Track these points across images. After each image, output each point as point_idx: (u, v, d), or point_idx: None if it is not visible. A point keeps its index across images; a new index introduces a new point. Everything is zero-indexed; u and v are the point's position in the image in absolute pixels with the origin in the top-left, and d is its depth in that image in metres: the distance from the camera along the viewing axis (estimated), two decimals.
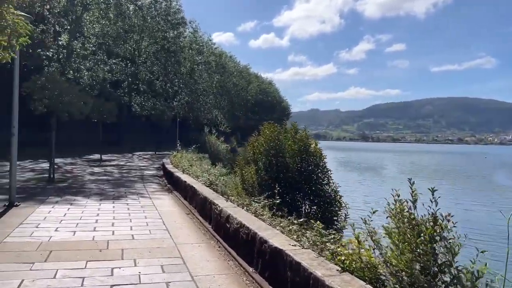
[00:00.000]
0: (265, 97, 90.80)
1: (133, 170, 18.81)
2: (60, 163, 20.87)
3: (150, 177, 16.30)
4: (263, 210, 7.07)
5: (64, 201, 9.87)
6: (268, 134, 9.09)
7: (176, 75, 41.38)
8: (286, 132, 9.18)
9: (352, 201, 18.00)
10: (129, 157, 28.34)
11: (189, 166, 13.89)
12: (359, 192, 29.70)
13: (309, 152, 9.00)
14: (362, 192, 29.62)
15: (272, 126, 9.31)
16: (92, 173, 17.05)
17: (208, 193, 8.54)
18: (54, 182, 13.43)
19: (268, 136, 9.08)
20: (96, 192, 11.54)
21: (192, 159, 15.82)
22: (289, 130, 9.24)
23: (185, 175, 12.23)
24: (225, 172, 11.53)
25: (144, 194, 11.67)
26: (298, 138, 9.02)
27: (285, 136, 9.17)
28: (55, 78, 14.43)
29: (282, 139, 9.07)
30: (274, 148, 8.91)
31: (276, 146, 8.94)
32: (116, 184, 13.71)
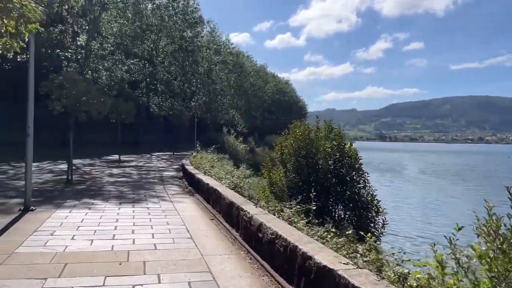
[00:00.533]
0: (281, 97, 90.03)
1: (152, 171, 18.35)
2: (79, 164, 20.57)
3: (170, 179, 15.79)
4: (296, 217, 6.44)
5: (82, 205, 9.38)
6: (298, 133, 8.42)
7: (193, 75, 41.01)
8: (318, 131, 8.49)
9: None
10: (148, 158, 27.99)
11: (210, 167, 13.32)
12: (382, 194, 28.74)
13: (343, 153, 8.30)
14: (386, 194, 28.67)
15: (304, 124, 8.63)
16: (111, 174, 16.64)
17: (234, 197, 7.92)
18: (72, 184, 13.01)
19: (298, 136, 8.41)
20: (115, 195, 11.04)
21: (213, 160, 15.25)
22: (322, 129, 8.55)
23: (207, 177, 11.65)
24: (249, 173, 10.87)
25: (164, 197, 11.12)
26: (332, 137, 8.32)
27: (317, 135, 8.48)
28: (73, 77, 14.03)
29: (314, 138, 8.38)
30: (304, 148, 8.24)
31: (307, 146, 8.26)
32: (135, 186, 13.22)
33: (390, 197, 27.10)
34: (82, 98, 13.98)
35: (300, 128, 8.64)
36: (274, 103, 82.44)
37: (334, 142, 8.35)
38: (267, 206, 7.03)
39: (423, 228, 18.26)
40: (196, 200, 10.89)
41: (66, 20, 27.74)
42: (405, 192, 31.79)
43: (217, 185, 9.73)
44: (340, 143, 8.40)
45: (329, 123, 8.66)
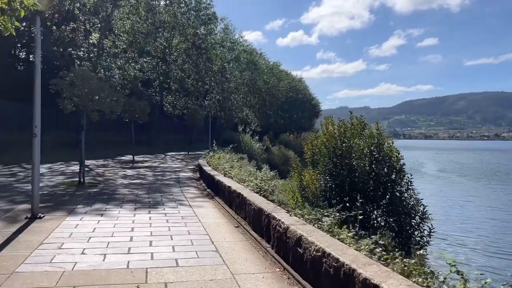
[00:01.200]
0: (295, 95, 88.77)
1: (167, 172, 17.60)
2: (92, 165, 19.95)
3: (187, 180, 15.01)
4: (337, 226, 5.58)
5: (94, 211, 8.61)
6: (332, 131, 7.52)
7: (207, 73, 40.28)
8: (352, 128, 7.58)
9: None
10: (162, 158, 27.32)
11: (230, 168, 12.48)
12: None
13: (382, 152, 7.37)
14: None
15: (341, 121, 7.72)
16: (125, 176, 15.93)
17: (263, 203, 7.06)
18: (85, 187, 12.31)
19: (332, 133, 7.52)
20: (130, 199, 10.27)
21: (232, 160, 14.42)
22: (355, 125, 7.63)
23: (228, 179, 10.82)
24: (273, 175, 9.99)
25: (182, 201, 10.31)
26: (369, 135, 7.40)
27: (352, 132, 7.57)
28: (85, 74, 13.34)
29: (350, 136, 7.47)
30: (340, 148, 7.35)
31: (342, 146, 7.36)
32: (151, 188, 12.45)
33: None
34: (94, 96, 13.28)
35: (333, 125, 7.73)
36: (288, 101, 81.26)
37: (372, 140, 7.42)
38: (302, 214, 6.16)
39: (464, 229, 17.27)
40: (216, 204, 10.06)
41: (78, 18, 27.20)
42: (439, 192, 30.64)
43: (241, 189, 8.89)
44: (379, 142, 7.47)
45: (361, 120, 7.74)
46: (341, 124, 7.61)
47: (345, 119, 7.88)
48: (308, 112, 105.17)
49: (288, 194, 8.29)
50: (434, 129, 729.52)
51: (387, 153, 7.41)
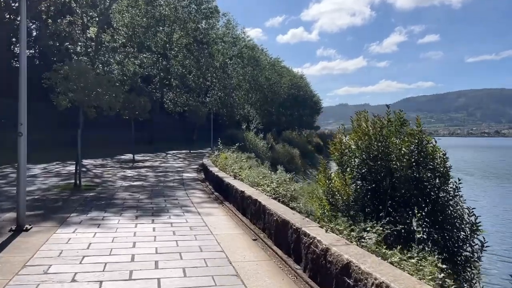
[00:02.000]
0: (296, 92, 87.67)
1: (170, 173, 16.54)
2: (89, 165, 18.89)
3: (191, 182, 13.95)
4: (381, 245, 4.56)
5: (90, 220, 7.55)
6: (365, 128, 6.45)
7: (208, 69, 39.12)
8: (389, 125, 6.51)
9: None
10: (163, 157, 26.25)
11: (239, 169, 11.43)
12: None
13: (424, 154, 6.31)
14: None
15: (376, 117, 6.64)
16: (125, 177, 14.87)
17: (287, 213, 6.01)
18: (81, 190, 11.25)
19: (365, 131, 6.45)
20: (130, 205, 9.21)
21: (241, 159, 13.35)
22: (392, 122, 6.57)
23: (239, 182, 9.76)
24: (289, 177, 8.95)
25: (189, 206, 9.25)
26: (409, 133, 6.32)
27: (389, 130, 6.50)
28: (81, 68, 12.25)
29: (386, 135, 6.41)
30: (376, 148, 6.29)
31: (379, 145, 6.31)
32: (153, 192, 11.39)
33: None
34: (91, 91, 12.20)
35: (367, 121, 6.66)
36: (289, 98, 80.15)
37: (412, 139, 6.36)
38: (338, 228, 5.12)
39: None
40: (227, 210, 9.01)
41: (74, 11, 26.07)
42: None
43: (256, 194, 7.84)
44: (420, 141, 6.40)
45: (400, 116, 6.67)
46: (377, 120, 6.55)
47: (380, 115, 6.82)
48: (309, 109, 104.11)
49: (313, 201, 7.22)
50: (434, 126, 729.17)
51: (429, 154, 6.34)
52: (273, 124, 71.44)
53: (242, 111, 50.99)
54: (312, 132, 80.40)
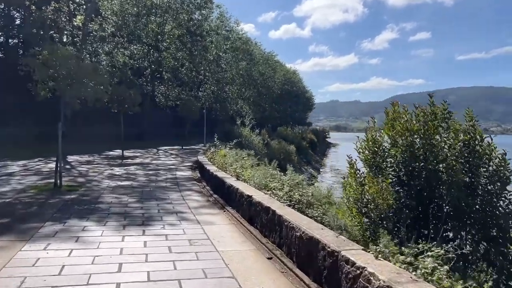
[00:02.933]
0: (290, 87, 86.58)
1: (162, 171, 15.22)
2: (74, 162, 17.49)
3: (186, 181, 12.65)
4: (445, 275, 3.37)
5: (67, 232, 6.24)
6: (404, 123, 5.19)
7: (201, 62, 37.64)
8: (433, 118, 5.28)
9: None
10: (154, 153, 24.86)
11: (241, 168, 10.17)
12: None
13: (478, 154, 5.13)
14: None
15: (418, 108, 5.35)
16: (112, 175, 13.52)
17: (313, 228, 4.77)
18: (61, 191, 9.90)
19: (405, 126, 5.20)
20: (117, 211, 7.89)
21: (242, 157, 12.09)
22: (436, 115, 5.34)
23: (243, 185, 8.51)
24: (301, 179, 7.73)
25: (185, 212, 7.98)
26: (458, 129, 5.13)
27: (434, 125, 5.28)
28: (62, 52, 10.84)
29: (431, 130, 5.17)
30: (421, 147, 5.07)
31: (424, 143, 5.08)
32: (143, 193, 10.08)
33: None
34: (74, 80, 10.83)
35: (406, 113, 5.40)
36: (282, 94, 78.96)
37: (463, 135, 5.17)
38: (388, 252, 3.91)
39: None
40: (230, 217, 7.75)
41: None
42: None
43: (267, 200, 6.60)
44: (472, 140, 5.21)
45: (444, 107, 5.48)
46: (421, 112, 5.29)
47: (422, 104, 5.55)
48: (302, 105, 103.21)
49: (339, 211, 5.99)
50: None
51: (484, 154, 5.16)
52: (266, 120, 70.22)
53: (235, 106, 49.65)
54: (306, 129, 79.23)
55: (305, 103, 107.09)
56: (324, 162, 61.32)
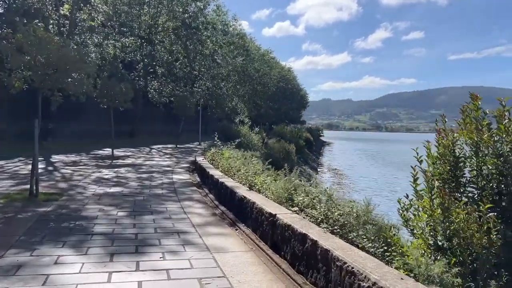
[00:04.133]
0: (285, 85, 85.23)
1: (156, 174, 13.60)
2: (59, 163, 15.80)
3: (185, 187, 11.05)
4: None
5: (33, 267, 4.63)
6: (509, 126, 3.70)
7: (197, 57, 35.89)
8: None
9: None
10: (147, 152, 23.21)
11: (254, 174, 8.60)
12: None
13: None
14: None
15: None
16: (100, 179, 11.86)
17: (386, 276, 3.23)
18: (37, 202, 8.26)
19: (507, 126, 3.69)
20: (103, 231, 6.28)
21: (250, 160, 10.50)
22: None
23: (259, 197, 6.96)
24: (331, 193, 6.17)
25: (189, 232, 6.39)
26: None
27: None
28: (41, 35, 9.15)
29: None
30: None
31: None
32: (136, 204, 8.47)
33: None
34: (55, 68, 9.19)
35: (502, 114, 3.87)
36: (277, 91, 77.52)
37: None
38: None
39: None
40: (245, 239, 6.19)
41: None
42: None
43: (298, 222, 5.06)
44: None
45: None
46: None
47: None
48: (296, 103, 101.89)
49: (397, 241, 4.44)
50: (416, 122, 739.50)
51: None
52: (262, 117, 68.73)
53: (230, 104, 48.02)
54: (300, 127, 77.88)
55: (299, 101, 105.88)
56: (321, 161, 59.97)
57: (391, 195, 24.26)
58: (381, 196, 23.14)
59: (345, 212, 5.30)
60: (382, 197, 23.03)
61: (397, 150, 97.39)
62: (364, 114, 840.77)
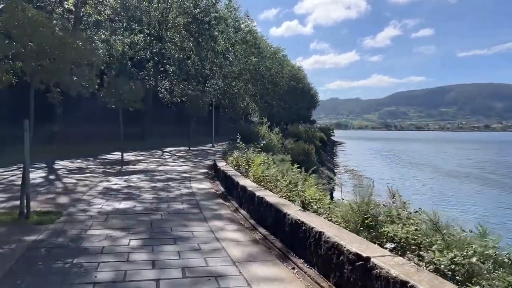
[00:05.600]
0: (295, 84, 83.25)
1: (173, 182, 11.78)
2: (62, 170, 14.09)
3: (208, 199, 9.21)
4: None
5: None
6: None
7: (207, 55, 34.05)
8: None
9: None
10: (159, 156, 21.43)
11: (303, 187, 6.73)
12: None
13: None
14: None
15: None
16: (107, 191, 10.06)
17: None
18: (27, 225, 6.48)
19: None
20: (109, 277, 4.44)
21: (289, 168, 8.60)
22: None
23: (324, 223, 5.07)
24: (436, 219, 4.26)
25: (231, 277, 4.53)
26: None
27: None
28: (32, 14, 7.36)
29: None
30: None
31: None
32: (153, 227, 6.63)
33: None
34: (49, 57, 7.42)
35: None
36: (289, 90, 75.56)
37: None
38: None
39: None
40: (312, 286, 4.33)
41: None
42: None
43: (420, 279, 3.17)
44: None
45: None
46: None
47: None
48: (306, 103, 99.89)
49: None
50: (425, 121, 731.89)
51: None
52: (274, 117, 66.81)
53: (242, 104, 46.22)
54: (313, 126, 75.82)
55: (309, 100, 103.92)
56: (336, 161, 57.91)
57: (448, 203, 21.99)
58: (437, 205, 20.61)
59: (480, 253, 3.44)
60: (437, 205, 20.62)
61: (411, 149, 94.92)
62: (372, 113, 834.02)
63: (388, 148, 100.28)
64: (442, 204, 20.90)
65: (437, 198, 24.92)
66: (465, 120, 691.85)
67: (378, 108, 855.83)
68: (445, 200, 24.12)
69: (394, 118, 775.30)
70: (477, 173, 40.85)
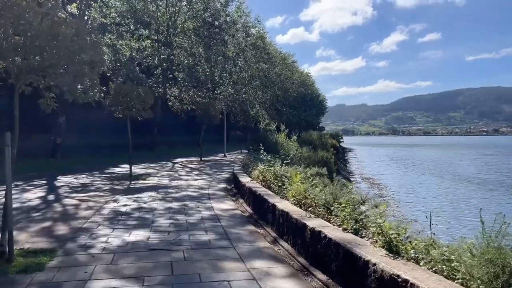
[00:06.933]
0: (304, 90, 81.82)
1: (190, 202, 10.12)
2: (65, 188, 12.50)
3: (236, 225, 7.52)
4: None
5: None
6: None
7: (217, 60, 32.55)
8: None
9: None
10: (170, 168, 19.82)
11: (374, 214, 5.03)
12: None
13: None
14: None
15: None
16: (115, 217, 8.40)
17: None
18: (7, 275, 4.83)
19: None
20: None
21: (339, 187, 6.90)
22: None
23: (437, 283, 3.36)
24: None
25: None
26: None
27: None
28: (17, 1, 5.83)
29: None
30: None
31: None
32: (175, 275, 4.95)
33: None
34: (38, 51, 5.86)
35: None
36: (298, 97, 74.08)
37: None
38: None
39: None
40: None
41: None
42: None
43: None
44: None
45: None
46: None
47: None
48: (315, 109, 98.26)
49: None
50: (432, 125, 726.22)
51: None
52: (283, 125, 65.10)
53: (252, 110, 44.72)
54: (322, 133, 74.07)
55: (318, 107, 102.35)
56: (350, 169, 55.95)
57: (474, 216, 19.76)
58: (467, 220, 18.63)
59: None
60: (467, 220, 18.67)
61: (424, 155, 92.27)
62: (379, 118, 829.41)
63: (400, 154, 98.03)
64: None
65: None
66: (473, 125, 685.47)
67: (385, 114, 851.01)
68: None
69: (401, 124, 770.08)
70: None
